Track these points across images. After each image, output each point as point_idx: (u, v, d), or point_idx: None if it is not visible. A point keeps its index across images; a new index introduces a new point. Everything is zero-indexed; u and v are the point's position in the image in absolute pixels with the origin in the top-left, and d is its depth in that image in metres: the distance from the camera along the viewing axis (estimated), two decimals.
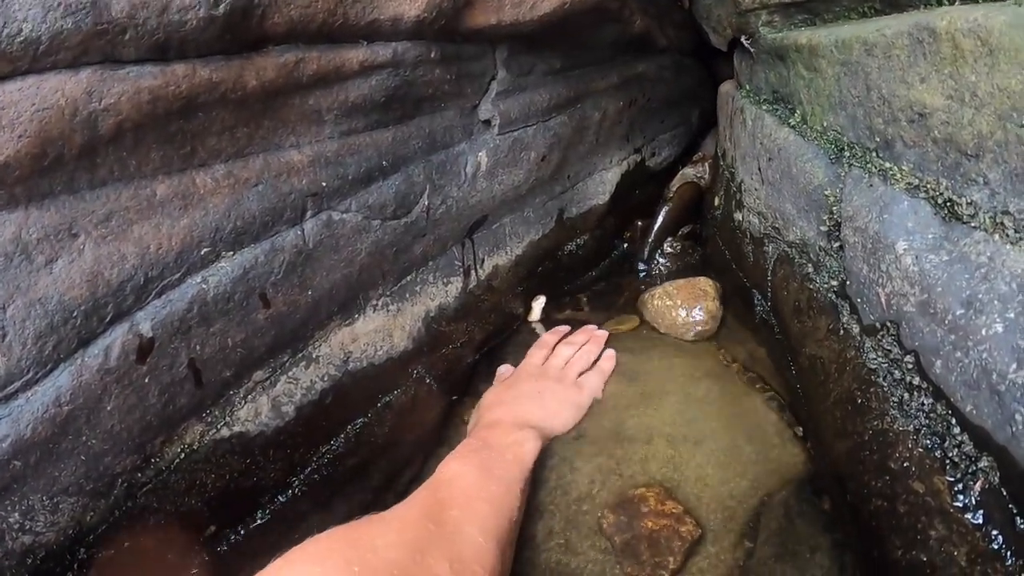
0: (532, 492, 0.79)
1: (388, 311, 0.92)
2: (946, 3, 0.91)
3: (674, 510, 0.72)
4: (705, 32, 1.71)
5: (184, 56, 0.65)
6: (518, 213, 1.17)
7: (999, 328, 0.50)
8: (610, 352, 1.08)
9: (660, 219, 1.52)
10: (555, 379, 1.00)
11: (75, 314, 0.59)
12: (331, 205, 0.81)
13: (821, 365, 0.78)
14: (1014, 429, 0.48)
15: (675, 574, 0.66)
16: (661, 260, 1.49)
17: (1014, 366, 0.48)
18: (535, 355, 1.06)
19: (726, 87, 1.40)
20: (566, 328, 1.16)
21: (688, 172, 1.70)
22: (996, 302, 0.51)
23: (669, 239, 1.51)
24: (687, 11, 1.85)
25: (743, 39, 1.15)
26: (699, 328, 1.15)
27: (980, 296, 0.53)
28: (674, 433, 0.88)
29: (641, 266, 1.49)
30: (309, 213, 0.79)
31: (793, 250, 0.91)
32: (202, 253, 0.69)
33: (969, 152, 0.57)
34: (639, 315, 1.24)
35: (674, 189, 1.61)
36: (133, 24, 0.59)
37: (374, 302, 0.91)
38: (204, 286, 0.68)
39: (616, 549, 0.69)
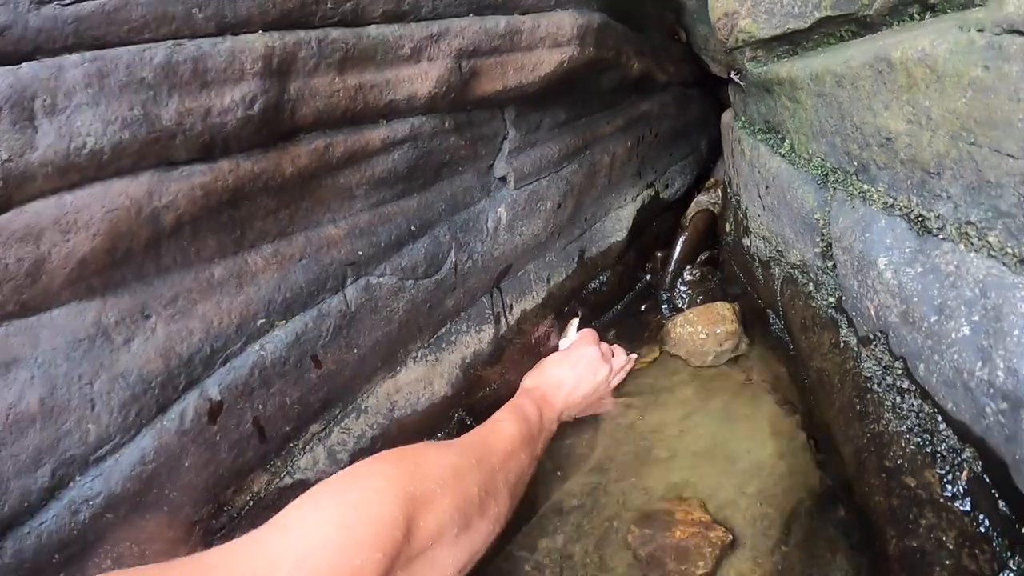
0: (571, 515, 0.86)
1: (427, 361, 1.00)
2: (917, 18, 0.98)
3: (703, 519, 0.78)
4: (705, 63, 1.79)
5: (228, 152, 0.73)
6: (540, 259, 1.24)
7: (966, 331, 0.56)
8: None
9: (678, 249, 1.58)
10: (604, 380, 1.15)
11: (153, 384, 0.68)
12: (368, 271, 0.90)
13: (827, 377, 0.84)
14: (987, 421, 0.54)
15: None
16: (682, 288, 1.54)
17: (979, 364, 0.54)
18: (593, 348, 1.19)
19: (727, 117, 1.47)
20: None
21: (702, 199, 1.77)
22: (963, 307, 0.57)
23: (688, 267, 1.56)
24: (685, 44, 1.93)
25: (732, 74, 1.22)
26: (719, 351, 1.20)
27: (949, 303, 0.59)
28: (699, 452, 0.94)
29: (663, 296, 1.54)
30: (349, 280, 0.87)
31: (796, 271, 0.98)
32: (258, 324, 0.77)
33: (931, 170, 0.64)
34: (662, 344, 1.30)
35: (689, 218, 1.67)
36: (182, 129, 0.68)
37: (414, 354, 0.98)
38: (262, 352, 0.76)
39: (641, 561, 0.75)
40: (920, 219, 0.66)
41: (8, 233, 0.59)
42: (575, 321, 1.33)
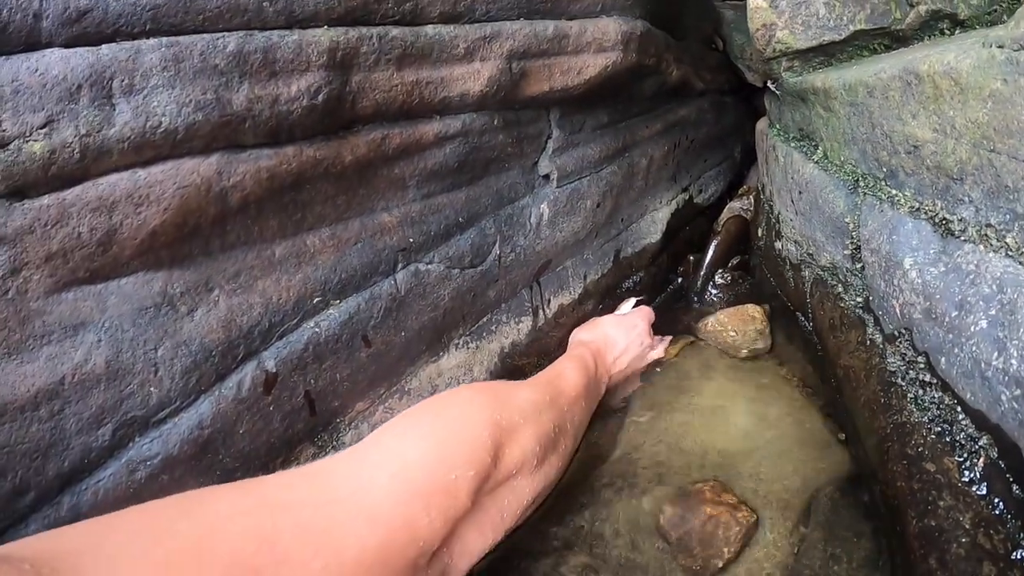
0: (602, 493, 0.90)
1: (468, 348, 1.05)
2: (947, 33, 1.02)
3: (730, 500, 0.82)
4: (741, 71, 1.82)
5: (292, 139, 0.78)
6: (579, 256, 1.29)
7: (984, 324, 0.60)
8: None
9: (710, 253, 1.61)
10: (645, 353, 1.22)
11: (213, 353, 0.73)
12: (418, 258, 0.95)
13: (853, 373, 0.87)
14: (1002, 408, 0.57)
15: (731, 561, 0.75)
16: (714, 291, 1.57)
17: (995, 354, 0.57)
18: (645, 321, 1.25)
19: (761, 125, 1.50)
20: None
21: (735, 205, 1.80)
22: (981, 303, 0.61)
23: (720, 271, 1.59)
24: (722, 53, 1.97)
25: (769, 83, 1.26)
26: (749, 348, 1.24)
27: (969, 299, 0.62)
28: (727, 438, 0.97)
29: (694, 298, 1.57)
30: (400, 265, 0.92)
31: (825, 273, 1.01)
32: (315, 302, 0.82)
33: (955, 176, 0.67)
34: (696, 336, 1.34)
35: (722, 223, 1.70)
36: (251, 115, 0.73)
37: (456, 341, 1.03)
38: (317, 329, 0.82)
39: (672, 545, 0.79)
40: (944, 222, 0.70)
41: (83, 203, 0.63)
42: (632, 300, 1.38)
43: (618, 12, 1.15)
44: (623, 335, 1.17)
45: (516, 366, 1.13)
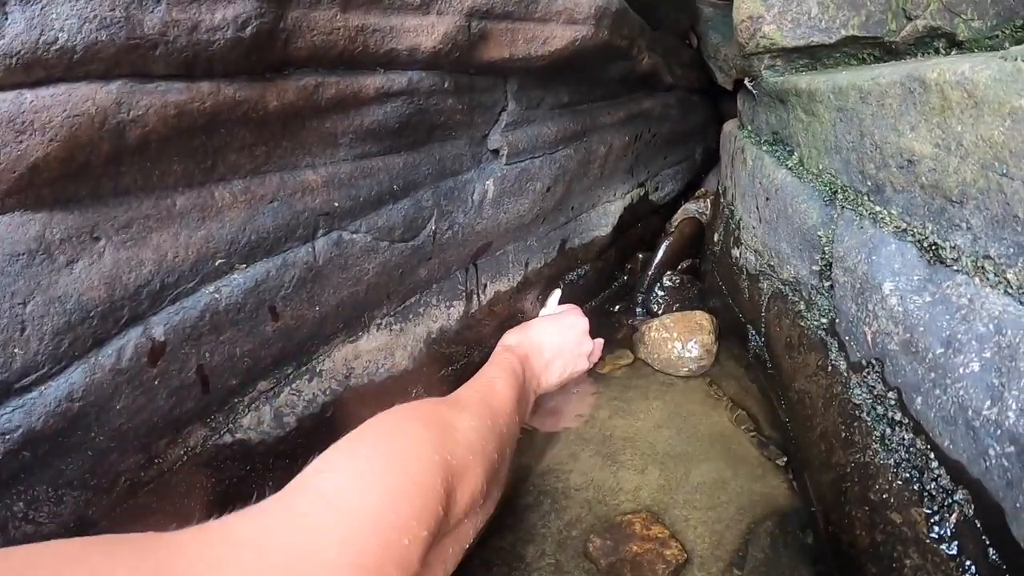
0: (526, 516, 0.82)
1: (391, 330, 0.95)
2: (942, 52, 0.96)
3: (660, 534, 0.74)
4: (712, 71, 1.76)
5: (210, 75, 0.67)
6: (521, 241, 1.20)
7: (976, 367, 0.52)
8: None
9: (660, 253, 1.55)
10: (585, 357, 1.14)
11: (92, 314, 0.61)
12: (342, 225, 0.84)
13: (809, 400, 0.80)
14: (987, 463, 0.50)
15: None
16: (660, 293, 1.50)
17: (988, 403, 0.50)
18: (583, 320, 1.17)
19: (729, 126, 1.44)
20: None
21: (690, 207, 1.74)
22: (974, 342, 0.53)
23: (669, 273, 1.53)
24: (695, 50, 1.91)
25: (746, 81, 1.18)
26: (694, 363, 1.17)
27: (959, 336, 0.55)
28: (664, 464, 0.90)
29: (639, 298, 1.51)
30: (320, 232, 0.81)
31: (787, 288, 0.94)
32: (216, 264, 0.71)
33: (954, 199, 0.60)
34: (635, 347, 1.27)
35: (675, 224, 1.64)
36: (164, 40, 0.61)
37: (378, 321, 0.93)
38: (217, 296, 0.71)
39: (601, 572, 0.71)
40: (934, 247, 0.63)
41: None
42: (557, 292, 1.30)
43: None
44: (556, 338, 1.09)
45: (443, 354, 1.04)
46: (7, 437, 0.56)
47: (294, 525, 0.52)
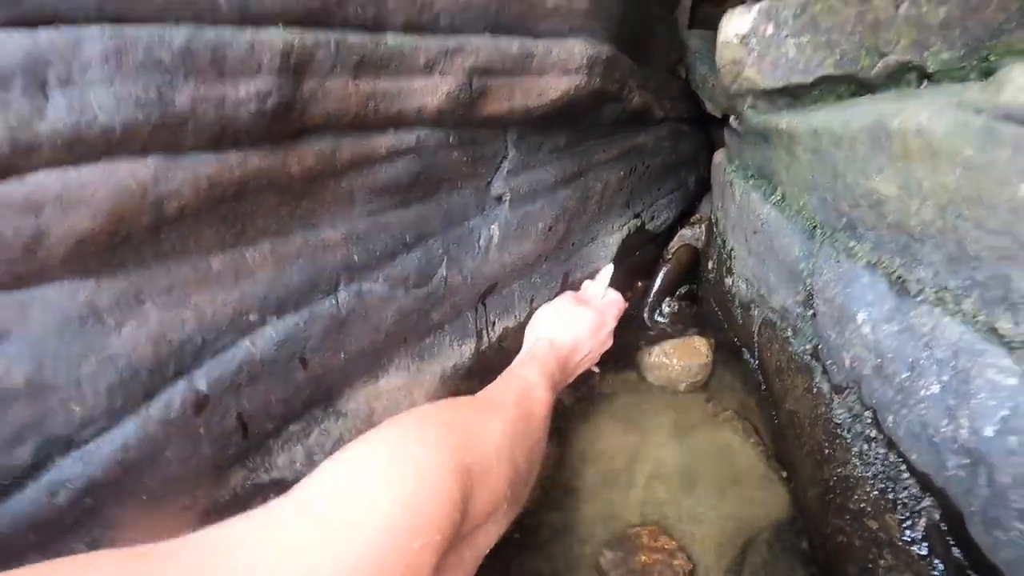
0: (539, 533, 0.87)
1: (409, 371, 1.01)
2: (914, 84, 1.02)
3: (668, 546, 0.80)
4: (701, 100, 1.83)
5: (237, 145, 0.73)
6: (526, 279, 1.26)
7: (936, 389, 0.59)
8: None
9: (659, 281, 1.61)
10: (605, 349, 1.17)
11: (141, 371, 0.68)
12: (362, 277, 0.91)
13: (798, 419, 0.87)
14: (948, 474, 0.56)
15: None
16: (660, 319, 1.57)
17: (945, 421, 0.56)
18: (612, 323, 1.20)
19: (719, 157, 1.51)
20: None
21: (686, 233, 1.80)
22: (934, 367, 0.60)
23: (667, 299, 1.60)
24: (684, 81, 1.98)
25: (732, 119, 1.25)
26: (693, 385, 1.23)
27: (922, 361, 0.62)
28: (667, 478, 0.96)
29: (641, 325, 1.57)
30: (342, 285, 0.88)
31: (775, 316, 1.01)
32: (250, 319, 0.78)
33: (916, 236, 0.67)
34: (638, 371, 1.33)
35: (672, 251, 1.71)
36: (194, 116, 0.67)
37: (397, 362, 1.00)
38: (252, 348, 0.77)
39: None
40: (900, 280, 0.69)
41: (7, 202, 0.58)
42: (610, 269, 1.36)
43: (586, 34, 1.13)
44: (590, 342, 1.11)
45: (457, 389, 1.10)
46: (71, 485, 0.62)
47: (307, 526, 0.51)
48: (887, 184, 0.71)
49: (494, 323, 1.19)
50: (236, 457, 0.78)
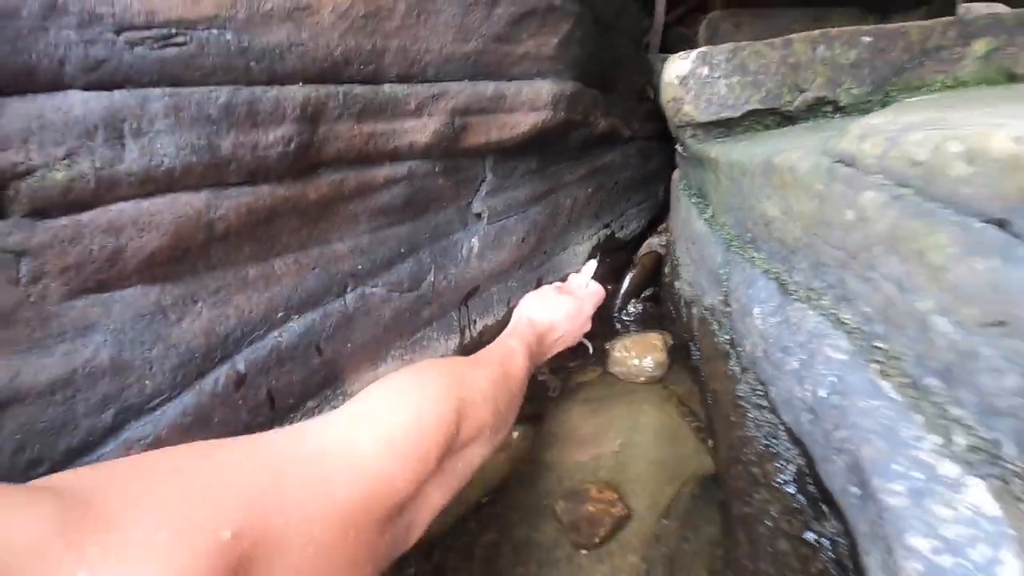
0: (512, 490, 1.07)
1: (403, 360, 1.21)
2: (829, 115, 1.22)
3: (610, 497, 1.00)
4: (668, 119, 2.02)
5: (268, 179, 0.93)
6: (503, 283, 1.45)
7: (795, 364, 0.79)
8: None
9: (626, 284, 1.79)
10: (583, 332, 1.38)
11: (196, 355, 0.88)
12: (364, 282, 1.11)
13: (719, 396, 1.06)
14: (803, 428, 0.76)
15: (605, 539, 0.93)
16: (626, 318, 1.76)
17: (799, 388, 0.76)
18: (590, 311, 1.42)
19: (676, 175, 1.70)
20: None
21: (653, 241, 1.99)
22: (797, 348, 0.80)
23: (633, 300, 1.79)
24: (653, 101, 2.17)
25: (677, 146, 1.46)
26: (648, 373, 1.43)
27: (790, 344, 0.81)
28: (619, 449, 1.15)
29: (609, 323, 1.76)
30: (349, 288, 1.08)
31: (707, 313, 1.21)
32: (278, 315, 0.98)
33: (791, 249, 0.87)
34: (604, 363, 1.53)
35: (639, 258, 1.90)
36: (235, 158, 0.87)
37: (393, 353, 1.19)
38: (279, 338, 0.97)
39: (564, 526, 0.97)
40: (783, 283, 0.89)
41: (95, 226, 0.77)
42: (593, 264, 1.56)
43: (552, 75, 1.32)
44: (568, 324, 1.30)
45: None
46: (142, 443, 0.82)
47: (349, 425, 0.70)
48: (773, 208, 0.91)
49: (475, 321, 1.39)
50: (265, 425, 0.97)
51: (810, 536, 0.72)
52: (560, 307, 1.32)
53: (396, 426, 0.70)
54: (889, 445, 0.56)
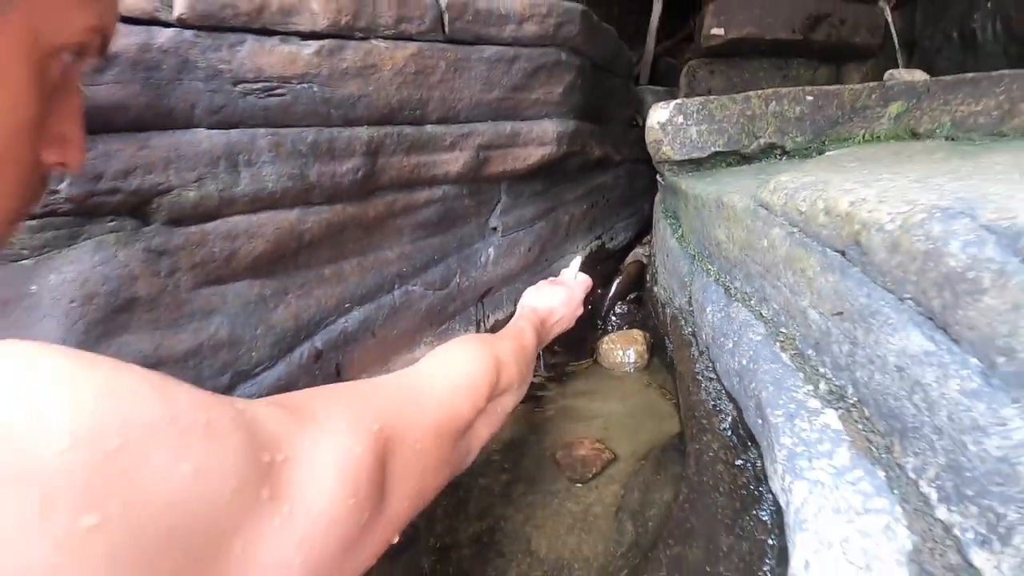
0: (521, 444, 1.36)
1: (432, 345, 1.49)
2: (778, 157, 1.53)
3: (599, 447, 1.28)
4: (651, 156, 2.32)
5: (340, 200, 1.21)
6: (512, 285, 1.73)
7: (731, 344, 1.08)
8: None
9: (613, 288, 2.05)
10: (576, 316, 1.55)
11: (287, 334, 1.15)
12: (407, 282, 1.40)
13: (684, 374, 1.36)
14: (734, 388, 1.06)
15: (595, 475, 1.22)
16: (613, 318, 2.02)
17: (732, 361, 1.06)
18: (581, 296, 1.58)
19: (658, 196, 2.00)
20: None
21: (639, 251, 2.26)
22: (732, 334, 1.09)
23: (620, 303, 2.06)
24: (640, 128, 2.45)
25: (658, 176, 1.76)
26: (632, 364, 1.72)
27: (727, 331, 1.11)
28: (608, 418, 1.44)
29: (599, 322, 2.03)
30: (396, 286, 1.37)
31: (677, 312, 1.50)
32: (346, 306, 1.27)
33: (733, 264, 1.17)
34: (594, 355, 1.82)
35: (625, 266, 2.19)
36: (319, 184, 1.15)
37: (425, 340, 1.48)
38: (346, 324, 1.26)
39: (562, 468, 1.26)
40: (727, 288, 1.19)
41: (217, 233, 1.03)
42: (579, 259, 1.79)
43: (557, 116, 1.60)
44: (563, 310, 1.48)
45: None
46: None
47: (429, 373, 0.88)
48: (721, 234, 1.21)
49: (488, 316, 1.67)
50: None
51: (739, 462, 1.01)
52: (556, 296, 1.49)
53: (460, 374, 0.90)
54: (778, 390, 0.85)
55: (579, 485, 1.19)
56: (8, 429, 0.35)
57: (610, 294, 2.07)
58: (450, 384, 0.87)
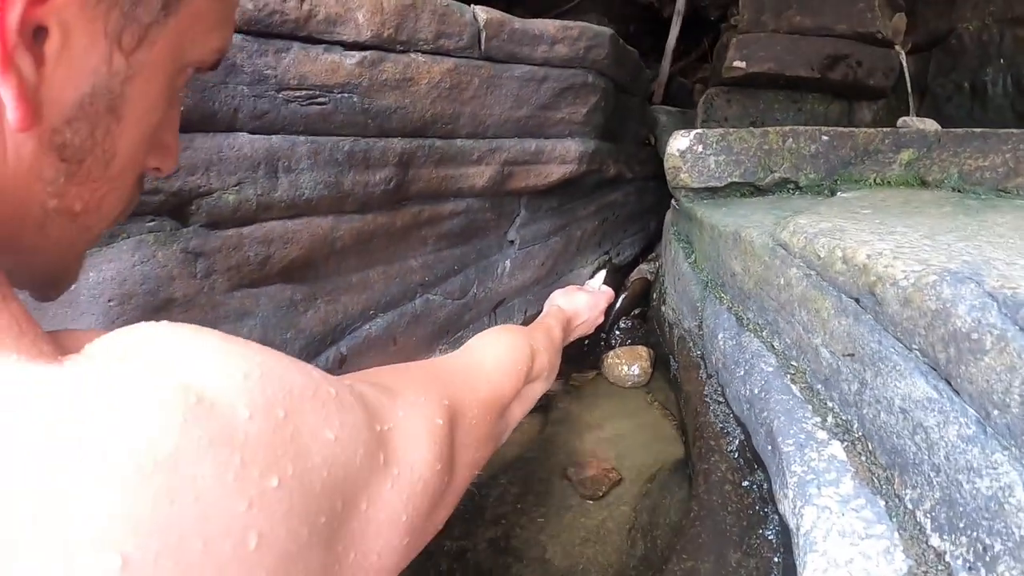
0: (533, 460, 1.41)
1: (445, 352, 1.54)
2: (791, 192, 1.58)
3: (607, 466, 1.34)
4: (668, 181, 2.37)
5: (371, 209, 1.25)
6: (523, 297, 1.78)
7: (741, 373, 1.14)
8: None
9: (618, 304, 2.09)
10: (597, 323, 1.63)
11: (315, 339, 1.20)
12: (429, 290, 1.45)
13: (690, 397, 1.41)
14: (744, 414, 1.11)
15: (604, 495, 1.27)
16: (618, 332, 2.07)
17: (743, 388, 1.11)
18: (604, 306, 1.67)
19: (668, 215, 2.03)
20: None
21: (644, 268, 2.31)
22: (743, 362, 1.15)
23: (624, 318, 2.11)
24: (652, 146, 2.52)
25: (672, 201, 1.81)
26: (635, 379, 1.77)
27: (739, 359, 1.16)
28: (612, 436, 1.49)
29: (604, 336, 2.07)
30: (418, 295, 1.42)
31: (685, 333, 1.55)
32: (370, 313, 1.31)
33: (747, 295, 1.22)
34: (598, 369, 1.87)
35: (630, 282, 2.24)
36: (353, 192, 1.19)
37: (440, 347, 1.52)
38: (370, 330, 1.31)
39: (573, 483, 1.31)
40: (740, 317, 1.25)
41: (253, 238, 1.07)
42: (602, 273, 1.87)
43: (580, 136, 1.66)
44: (587, 313, 1.56)
45: None
46: None
47: (479, 356, 0.96)
48: (737, 265, 1.26)
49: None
50: None
51: (745, 483, 1.06)
52: (581, 300, 1.58)
53: (503, 357, 0.97)
54: (789, 420, 0.91)
55: (591, 502, 1.25)
56: (201, 396, 0.40)
57: (615, 309, 2.12)
58: (496, 366, 0.93)
